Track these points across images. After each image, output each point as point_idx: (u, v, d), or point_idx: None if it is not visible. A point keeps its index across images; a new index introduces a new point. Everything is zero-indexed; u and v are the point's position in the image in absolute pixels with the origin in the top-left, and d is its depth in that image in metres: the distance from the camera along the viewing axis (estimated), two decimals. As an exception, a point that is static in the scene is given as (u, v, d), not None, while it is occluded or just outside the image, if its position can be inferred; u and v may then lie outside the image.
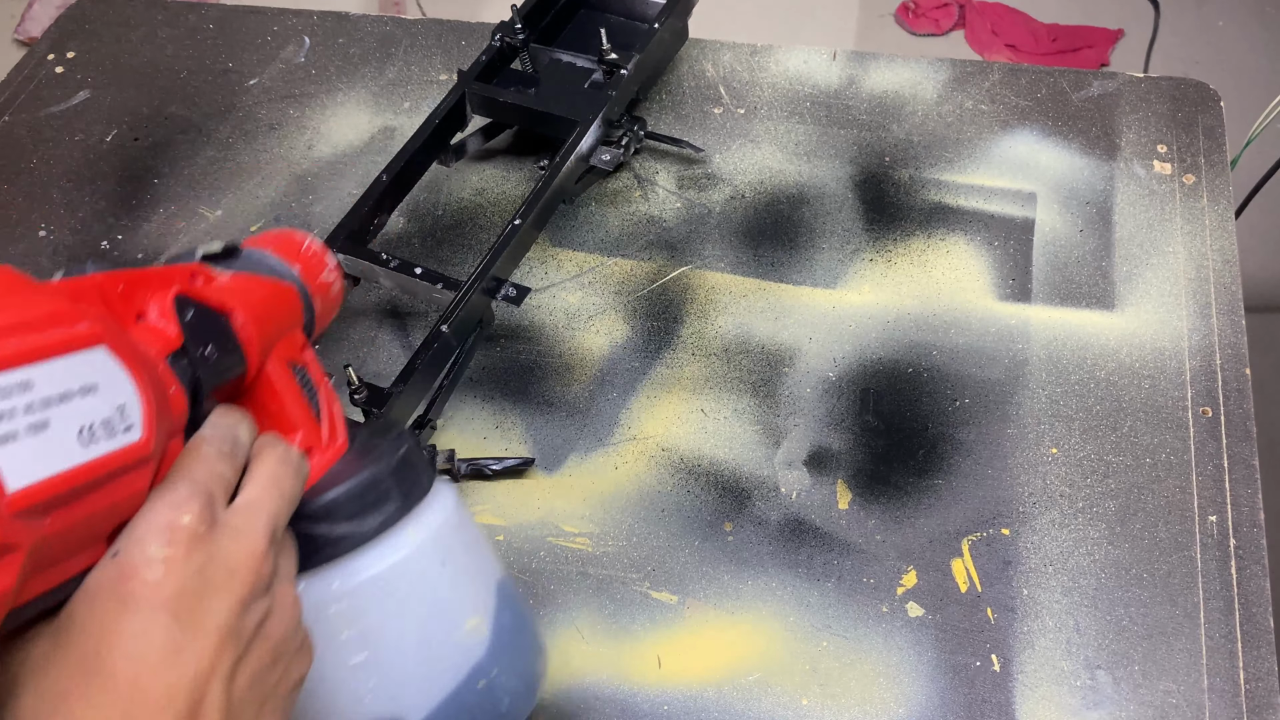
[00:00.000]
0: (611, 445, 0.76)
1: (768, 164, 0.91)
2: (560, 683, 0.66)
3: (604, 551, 0.71)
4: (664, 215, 0.89)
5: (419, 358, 0.71)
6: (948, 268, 0.84)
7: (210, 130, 0.98)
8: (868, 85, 0.96)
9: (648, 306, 0.83)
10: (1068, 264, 0.83)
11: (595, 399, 0.78)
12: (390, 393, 0.69)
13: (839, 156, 0.91)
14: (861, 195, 0.89)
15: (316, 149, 0.96)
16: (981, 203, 0.87)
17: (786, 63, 0.99)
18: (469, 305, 0.74)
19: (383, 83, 1.01)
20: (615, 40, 0.87)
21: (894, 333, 0.80)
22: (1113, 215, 0.86)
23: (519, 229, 0.77)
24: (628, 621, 0.69)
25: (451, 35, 1.04)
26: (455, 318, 0.73)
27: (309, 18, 1.07)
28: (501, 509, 0.74)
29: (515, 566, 0.71)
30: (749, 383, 0.78)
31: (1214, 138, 0.90)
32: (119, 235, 0.91)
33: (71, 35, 1.08)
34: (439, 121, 0.85)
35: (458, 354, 0.75)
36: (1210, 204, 0.86)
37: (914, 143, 0.92)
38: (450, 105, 0.86)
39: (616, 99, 0.85)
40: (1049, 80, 0.95)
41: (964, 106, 0.94)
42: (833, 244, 0.86)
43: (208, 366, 0.44)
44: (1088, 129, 0.91)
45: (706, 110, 0.96)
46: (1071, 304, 0.81)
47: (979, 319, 0.81)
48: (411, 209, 0.90)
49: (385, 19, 1.07)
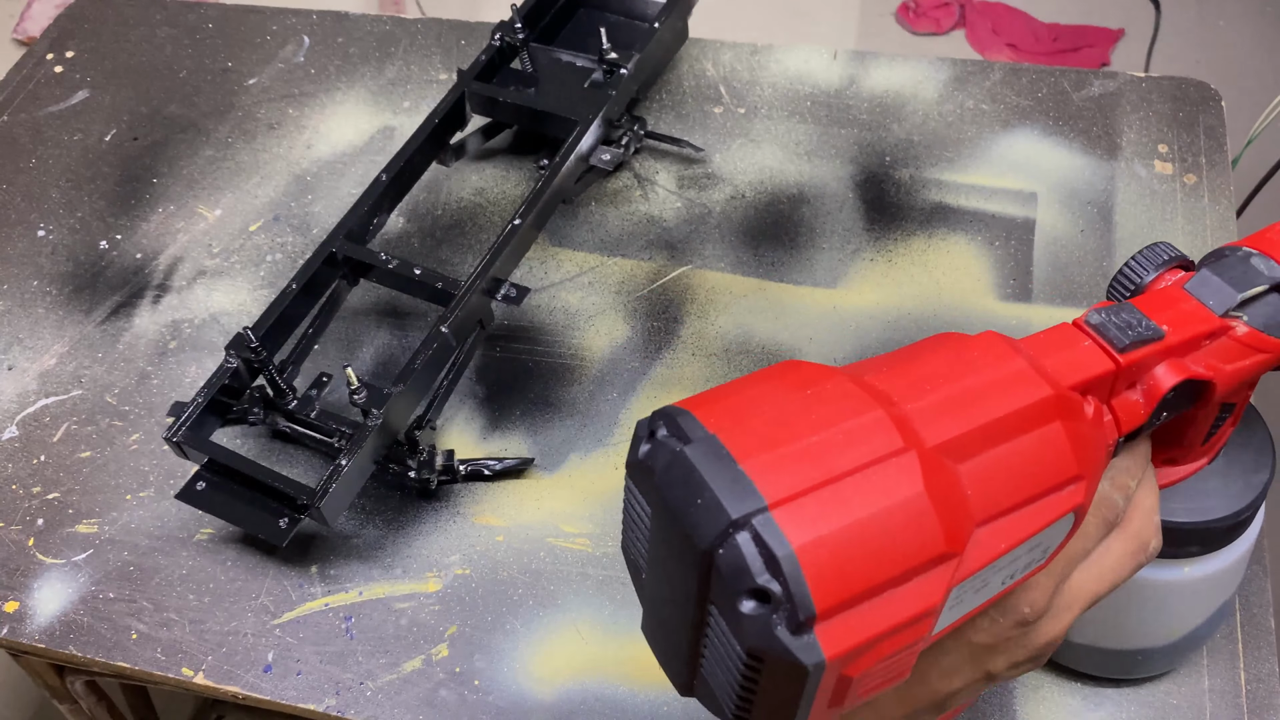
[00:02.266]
0: (611, 445, 0.76)
1: (768, 164, 0.91)
2: (560, 683, 0.66)
3: (604, 552, 0.71)
4: (664, 215, 0.88)
5: (418, 358, 0.71)
6: (948, 268, 0.84)
7: (209, 130, 0.98)
8: (868, 85, 0.96)
9: (648, 306, 0.83)
10: (1069, 264, 0.83)
11: (595, 399, 0.78)
12: (389, 393, 0.69)
13: (839, 156, 0.91)
14: (862, 195, 0.89)
15: (316, 149, 0.96)
16: (982, 202, 0.87)
17: (787, 62, 0.99)
18: (468, 306, 0.74)
19: (382, 82, 1.00)
20: (615, 39, 0.86)
21: (894, 333, 0.80)
22: (1114, 215, 0.86)
23: (519, 229, 0.77)
24: (628, 621, 0.68)
25: (451, 35, 1.04)
26: (454, 318, 0.73)
27: (308, 17, 1.07)
28: (501, 509, 0.74)
29: (515, 566, 0.71)
30: (749, 383, 0.78)
31: (1215, 137, 0.90)
32: (118, 235, 0.91)
33: (70, 35, 1.08)
34: (438, 121, 0.85)
35: (457, 354, 0.75)
36: (1211, 204, 0.85)
37: (914, 142, 0.92)
38: (450, 105, 0.85)
39: (616, 98, 0.85)
40: (1050, 80, 0.95)
41: (965, 106, 0.94)
42: (833, 244, 0.86)
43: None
44: (1089, 129, 0.91)
45: (706, 110, 0.95)
46: (1073, 304, 0.81)
47: (980, 319, 0.81)
48: (411, 209, 0.90)
49: (385, 18, 1.07)
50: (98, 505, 0.75)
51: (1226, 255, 0.46)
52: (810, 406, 0.35)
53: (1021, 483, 0.37)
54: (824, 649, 0.32)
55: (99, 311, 0.86)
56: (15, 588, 0.72)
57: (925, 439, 0.35)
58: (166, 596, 0.71)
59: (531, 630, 0.68)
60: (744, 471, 0.33)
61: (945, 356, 0.38)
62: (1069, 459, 0.38)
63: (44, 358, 0.84)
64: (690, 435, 0.34)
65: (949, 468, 0.35)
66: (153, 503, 0.75)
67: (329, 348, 0.82)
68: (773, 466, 0.33)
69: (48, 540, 0.74)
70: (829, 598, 0.32)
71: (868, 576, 0.33)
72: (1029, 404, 0.37)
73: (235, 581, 0.71)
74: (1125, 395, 0.42)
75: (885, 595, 0.33)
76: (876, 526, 0.33)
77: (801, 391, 0.36)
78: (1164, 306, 0.44)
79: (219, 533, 0.74)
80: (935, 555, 0.34)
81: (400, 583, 0.71)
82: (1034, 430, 0.37)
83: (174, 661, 0.68)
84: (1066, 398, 0.38)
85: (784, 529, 0.32)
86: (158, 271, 0.89)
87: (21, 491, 0.76)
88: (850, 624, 0.32)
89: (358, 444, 0.67)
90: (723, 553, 0.32)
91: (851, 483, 0.33)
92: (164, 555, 0.73)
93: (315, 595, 0.70)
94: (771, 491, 0.32)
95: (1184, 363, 0.42)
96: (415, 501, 0.74)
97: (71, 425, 0.80)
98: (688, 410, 0.35)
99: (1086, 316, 0.42)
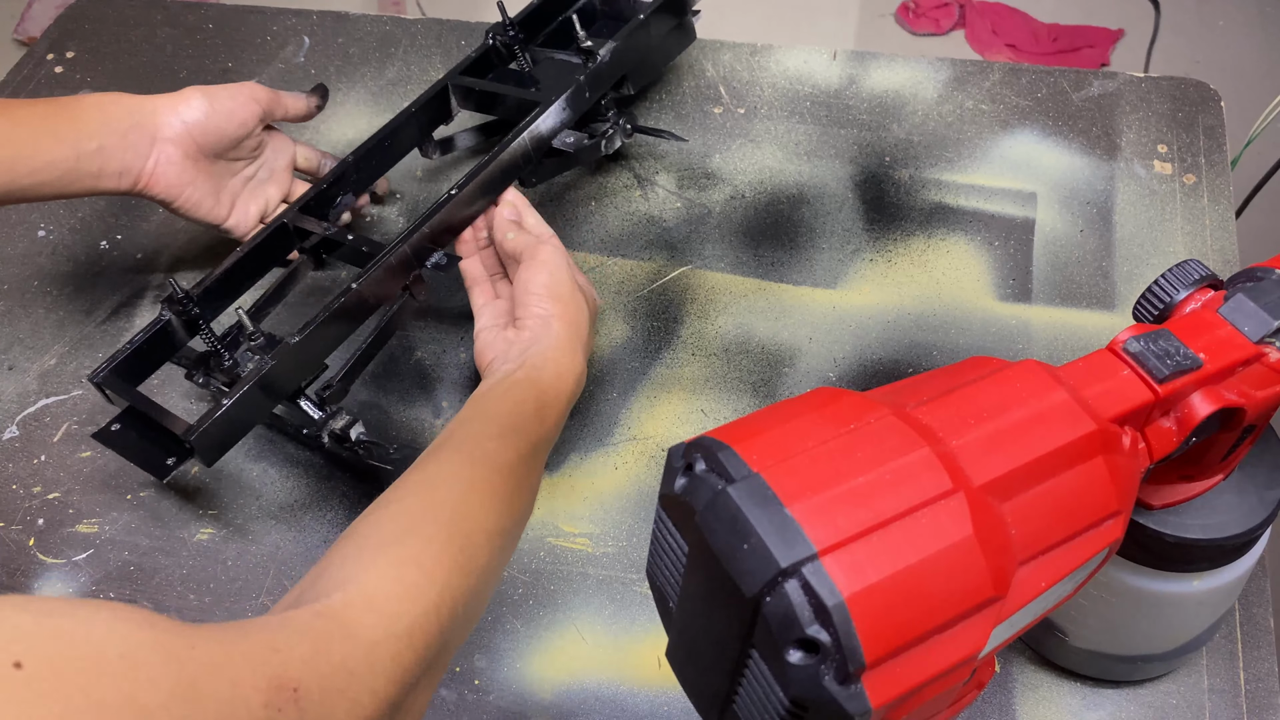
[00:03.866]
0: (611, 445, 0.76)
1: (768, 164, 0.91)
2: (560, 683, 0.66)
3: (604, 551, 0.71)
4: (664, 215, 0.89)
5: (324, 311, 0.70)
6: (948, 268, 0.84)
7: (210, 130, 0.98)
8: (868, 85, 0.96)
9: (648, 306, 0.83)
10: (1068, 264, 0.83)
11: (595, 399, 0.78)
12: (287, 342, 0.69)
13: (839, 156, 0.91)
14: (862, 195, 0.89)
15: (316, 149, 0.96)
16: (982, 203, 0.87)
17: (786, 62, 0.99)
18: (386, 266, 0.72)
19: (382, 82, 1.01)
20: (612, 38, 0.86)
21: (894, 333, 0.80)
22: (1113, 215, 0.86)
23: (453, 199, 0.75)
24: (628, 621, 0.68)
25: (451, 35, 1.04)
26: (368, 276, 0.71)
27: (308, 17, 1.07)
28: (501, 509, 0.74)
29: (515, 566, 0.71)
30: (749, 383, 0.78)
31: (1214, 137, 0.90)
32: (119, 235, 0.91)
33: (71, 35, 1.08)
34: (415, 110, 0.84)
35: (380, 322, 0.73)
36: (1211, 204, 0.85)
37: (914, 142, 0.92)
38: (430, 96, 0.85)
39: (584, 83, 0.83)
40: (1049, 80, 0.95)
41: (964, 106, 0.94)
42: (833, 244, 0.86)
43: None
44: (1088, 129, 0.91)
45: (706, 110, 0.96)
46: (1072, 304, 0.81)
47: (979, 319, 0.81)
48: (400, 203, 0.90)
49: (385, 19, 1.07)
50: (98, 505, 0.75)
51: (1260, 278, 0.46)
52: (855, 444, 0.34)
53: (1064, 519, 0.36)
54: (871, 699, 0.31)
55: (99, 311, 0.86)
56: (15, 588, 0.72)
57: (972, 477, 0.34)
58: (166, 596, 0.71)
59: (531, 630, 0.68)
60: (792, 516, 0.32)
61: (987, 387, 0.38)
62: (1110, 494, 0.37)
63: (44, 358, 0.84)
64: (734, 474, 0.33)
65: (995, 508, 0.34)
66: (153, 503, 0.75)
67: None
68: (820, 510, 0.32)
69: (48, 540, 0.74)
70: (878, 648, 0.31)
71: (916, 625, 0.32)
72: (1073, 440, 0.36)
73: (235, 581, 0.71)
74: (1159, 423, 0.41)
75: (933, 640, 0.32)
76: (926, 573, 0.32)
77: (844, 425, 0.35)
78: (1200, 332, 0.43)
79: (219, 532, 0.74)
80: (982, 600, 0.33)
81: (400, 582, 0.71)
82: (1077, 466, 0.37)
83: (174, 661, 0.68)
84: (1108, 431, 0.38)
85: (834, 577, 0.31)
86: (158, 271, 0.89)
87: (22, 491, 0.77)
88: (897, 672, 0.32)
89: (241, 385, 0.67)
90: (770, 601, 0.31)
91: (900, 527, 0.32)
92: (164, 555, 0.73)
93: (315, 595, 0.71)
94: (820, 537, 0.31)
95: (1219, 390, 0.42)
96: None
97: (71, 425, 0.80)
98: (729, 444, 0.34)
99: (1125, 344, 0.41)
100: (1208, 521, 0.52)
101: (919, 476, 0.33)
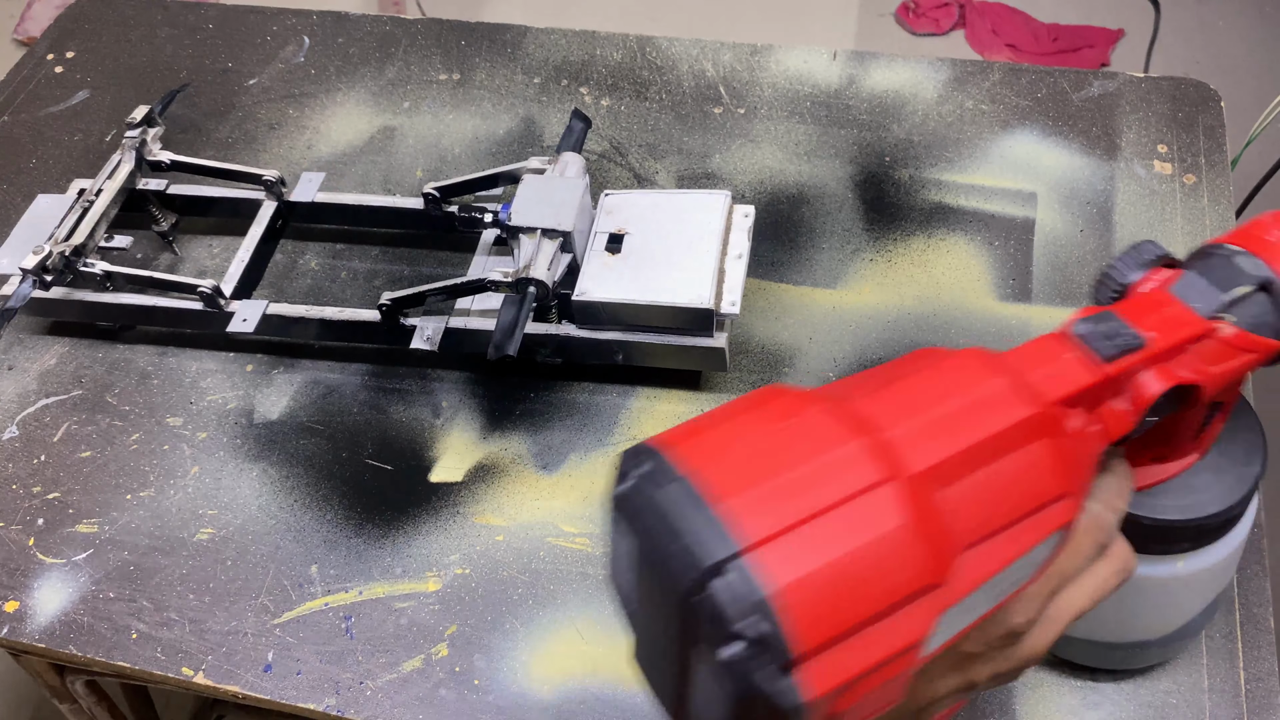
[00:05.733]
0: (611, 445, 0.76)
1: (768, 164, 0.91)
2: (560, 683, 0.66)
3: (604, 551, 0.71)
4: (664, 215, 0.88)
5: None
6: (948, 267, 0.84)
7: (210, 130, 0.98)
8: (868, 85, 0.96)
9: (648, 306, 0.83)
10: (1068, 264, 0.83)
11: (595, 399, 0.78)
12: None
13: (839, 156, 0.91)
14: (861, 195, 0.89)
15: (316, 149, 0.96)
16: (982, 203, 0.87)
17: (786, 63, 0.99)
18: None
19: (382, 82, 1.01)
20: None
21: (894, 333, 0.80)
22: (1113, 215, 0.86)
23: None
24: (627, 622, 0.68)
25: (451, 35, 1.04)
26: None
27: (308, 17, 1.07)
28: (501, 509, 0.74)
29: (515, 566, 0.71)
30: (749, 383, 0.78)
31: (1214, 138, 0.90)
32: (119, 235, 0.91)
33: (71, 35, 1.08)
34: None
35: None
36: (1211, 204, 0.86)
37: (914, 142, 0.92)
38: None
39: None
40: (1049, 80, 0.95)
41: (964, 106, 0.94)
42: (833, 244, 0.86)
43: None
44: (1088, 129, 0.91)
45: (706, 110, 0.96)
46: (1072, 304, 0.81)
47: (979, 319, 0.81)
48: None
49: (385, 19, 1.07)
50: (98, 505, 0.75)
51: (1212, 254, 0.46)
52: (788, 440, 0.35)
53: (1007, 504, 0.37)
54: (808, 690, 0.31)
55: (99, 311, 0.86)
56: (15, 587, 0.72)
57: (908, 465, 0.35)
58: (166, 596, 0.71)
59: (531, 630, 0.68)
60: (717, 516, 0.32)
61: (927, 377, 0.38)
62: (1053, 477, 0.37)
63: (44, 357, 0.84)
64: (663, 477, 0.34)
65: (931, 495, 0.35)
66: (153, 503, 0.75)
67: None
68: (749, 507, 0.33)
69: (48, 540, 0.74)
70: (810, 639, 0.31)
71: (850, 614, 0.32)
72: (1010, 425, 0.37)
73: (235, 581, 0.71)
74: (1112, 404, 0.42)
75: (869, 630, 0.33)
76: (857, 563, 0.32)
77: (780, 423, 0.35)
78: (1148, 311, 0.43)
79: (219, 532, 0.74)
80: (919, 587, 0.33)
81: (400, 582, 0.71)
82: (1017, 451, 0.37)
83: (174, 661, 0.68)
84: (1048, 415, 0.38)
85: (761, 572, 0.31)
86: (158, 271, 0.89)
87: (22, 491, 0.77)
88: (835, 662, 0.32)
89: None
90: (700, 599, 0.32)
91: (830, 519, 0.33)
92: (164, 555, 0.73)
93: (315, 595, 0.71)
94: (748, 533, 0.32)
95: (1170, 368, 0.42)
96: (415, 501, 0.74)
97: (71, 425, 0.80)
98: (658, 449, 0.35)
99: (1073, 326, 0.42)
100: (1185, 502, 0.52)
101: (849, 469, 0.34)
